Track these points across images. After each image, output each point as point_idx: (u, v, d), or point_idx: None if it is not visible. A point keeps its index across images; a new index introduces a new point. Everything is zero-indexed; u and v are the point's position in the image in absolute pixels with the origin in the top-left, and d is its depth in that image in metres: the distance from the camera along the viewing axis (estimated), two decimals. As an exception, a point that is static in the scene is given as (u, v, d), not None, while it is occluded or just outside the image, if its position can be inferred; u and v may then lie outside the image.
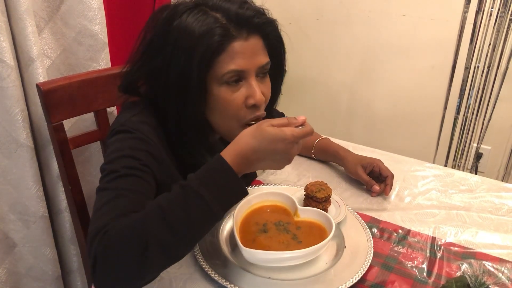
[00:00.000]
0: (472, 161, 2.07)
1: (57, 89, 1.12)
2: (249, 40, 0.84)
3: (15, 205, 1.29)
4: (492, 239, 0.99)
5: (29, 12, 1.14)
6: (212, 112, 0.87)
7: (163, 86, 0.86)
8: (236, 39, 0.82)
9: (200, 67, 0.81)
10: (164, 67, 0.84)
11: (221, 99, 0.85)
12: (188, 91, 0.83)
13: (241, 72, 0.84)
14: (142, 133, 0.84)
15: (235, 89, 0.85)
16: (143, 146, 0.83)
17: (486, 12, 1.80)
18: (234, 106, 0.86)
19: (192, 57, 0.80)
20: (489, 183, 1.21)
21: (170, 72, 0.83)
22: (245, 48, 0.83)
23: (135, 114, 0.89)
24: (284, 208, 0.97)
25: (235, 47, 0.82)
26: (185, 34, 0.81)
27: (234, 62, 0.82)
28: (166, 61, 0.83)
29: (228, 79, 0.83)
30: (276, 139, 0.70)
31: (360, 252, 0.90)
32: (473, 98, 1.94)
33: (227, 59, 0.82)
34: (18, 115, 1.18)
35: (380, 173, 1.13)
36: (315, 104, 2.45)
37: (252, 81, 0.86)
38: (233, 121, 0.88)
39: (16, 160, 1.23)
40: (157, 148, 0.85)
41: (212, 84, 0.84)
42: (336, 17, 2.19)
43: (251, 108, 0.87)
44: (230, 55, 0.82)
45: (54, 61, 1.33)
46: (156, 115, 0.90)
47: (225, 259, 0.89)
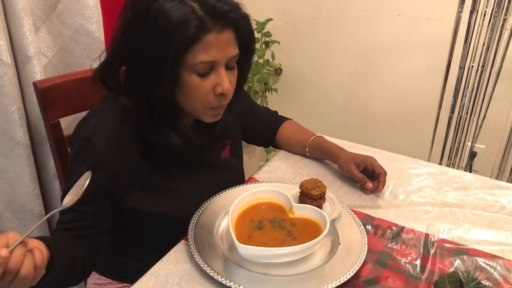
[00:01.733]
0: (466, 160, 2.08)
1: (54, 88, 1.13)
2: (223, 33, 0.86)
3: (11, 203, 1.29)
4: (484, 236, 1.00)
5: (26, 11, 1.15)
6: (181, 95, 0.91)
7: (137, 67, 0.89)
8: (210, 31, 0.84)
9: (174, 55, 0.84)
10: (138, 48, 0.86)
11: (191, 85, 0.88)
12: (160, 75, 0.86)
13: (212, 63, 0.87)
14: (94, 142, 0.89)
15: (205, 77, 0.88)
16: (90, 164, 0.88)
17: (480, 12, 1.81)
18: (203, 93, 0.89)
19: (167, 43, 0.83)
20: (482, 180, 1.22)
21: (145, 53, 0.86)
22: (218, 41, 0.86)
23: (96, 112, 0.94)
24: (279, 205, 0.98)
25: (209, 39, 0.85)
26: (163, 19, 0.83)
27: (207, 53, 0.85)
28: (142, 42, 0.86)
29: (200, 69, 0.87)
30: None
31: (354, 249, 0.91)
32: (468, 97, 1.96)
33: (200, 49, 0.85)
34: (15, 113, 1.19)
35: (373, 171, 1.14)
36: (311, 103, 2.46)
37: (221, 71, 0.89)
38: (200, 105, 0.92)
39: (13, 158, 1.23)
40: (107, 155, 0.89)
41: (184, 70, 0.87)
42: (332, 17, 2.20)
43: (218, 95, 0.91)
44: (203, 46, 0.85)
45: (51, 60, 1.34)
46: (123, 106, 0.94)
47: (221, 255, 0.90)
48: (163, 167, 0.99)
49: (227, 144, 1.14)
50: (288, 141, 1.32)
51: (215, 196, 1.07)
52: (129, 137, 0.93)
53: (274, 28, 2.28)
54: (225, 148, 1.14)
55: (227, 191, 1.10)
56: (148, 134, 0.93)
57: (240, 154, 1.21)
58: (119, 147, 0.91)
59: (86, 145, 0.90)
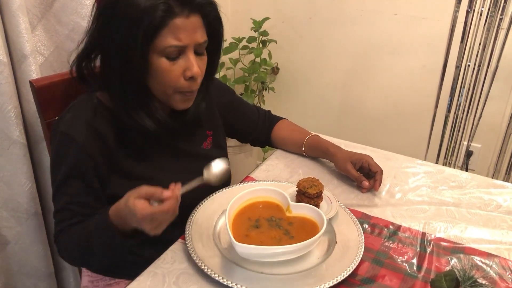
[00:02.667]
0: (463, 159, 2.09)
1: (50, 86, 1.12)
2: (190, 17, 0.89)
3: (7, 202, 1.29)
4: (480, 234, 1.01)
5: (22, 9, 1.14)
6: (152, 79, 0.94)
7: (109, 54, 0.92)
8: (177, 15, 0.87)
9: (142, 40, 0.87)
10: (110, 36, 0.90)
11: (160, 69, 0.91)
12: (131, 60, 0.89)
13: (181, 47, 0.90)
14: (72, 134, 0.94)
15: (174, 62, 0.91)
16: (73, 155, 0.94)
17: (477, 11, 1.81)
18: (173, 77, 0.92)
19: (136, 29, 0.86)
20: (479, 179, 1.22)
21: (115, 41, 0.89)
22: (186, 25, 0.89)
23: (71, 107, 0.99)
24: (276, 204, 0.98)
25: (176, 23, 0.88)
26: (131, 6, 0.86)
27: (175, 37, 0.88)
28: (111, 30, 0.89)
29: (168, 53, 0.89)
30: (131, 212, 0.79)
31: (351, 247, 0.91)
32: (464, 96, 1.96)
33: (168, 33, 0.88)
34: (11, 112, 1.18)
35: (370, 169, 1.15)
36: (308, 102, 2.46)
37: (190, 55, 0.92)
38: (170, 89, 0.94)
39: (9, 157, 1.23)
40: (87, 144, 0.94)
41: (153, 55, 0.90)
42: (328, 16, 2.20)
43: (188, 79, 0.94)
44: (171, 30, 0.88)
45: (47, 58, 1.33)
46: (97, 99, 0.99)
47: (218, 254, 0.90)
48: (142, 155, 1.02)
49: (208, 135, 1.16)
50: (284, 140, 1.32)
51: (212, 195, 1.07)
52: (105, 126, 0.97)
53: (271, 27, 2.27)
54: (206, 139, 1.16)
55: (224, 190, 1.10)
56: (122, 120, 0.96)
57: (223, 146, 1.23)
58: (95, 136, 0.95)
59: (65, 139, 0.94)
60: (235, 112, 1.28)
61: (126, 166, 1.00)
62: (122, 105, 0.95)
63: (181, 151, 1.10)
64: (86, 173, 0.95)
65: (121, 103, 0.95)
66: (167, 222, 0.81)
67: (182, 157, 1.10)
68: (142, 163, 1.02)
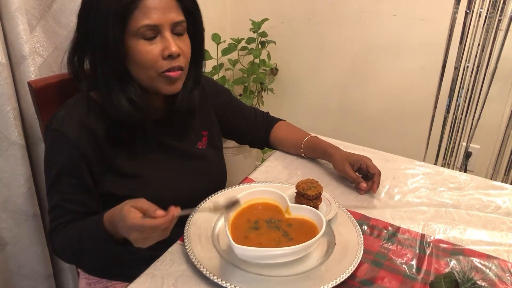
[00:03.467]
0: (462, 159, 2.09)
1: (48, 87, 1.12)
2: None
3: (6, 204, 1.28)
4: (480, 236, 1.00)
5: (20, 10, 1.14)
6: (132, 64, 0.95)
7: (91, 48, 0.95)
8: None
9: (114, 24, 0.89)
10: (89, 30, 0.92)
11: (138, 52, 0.92)
12: (108, 47, 0.91)
13: (155, 27, 0.91)
14: (64, 132, 0.95)
15: (151, 43, 0.92)
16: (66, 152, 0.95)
17: (476, 12, 1.81)
18: (151, 57, 0.93)
19: (108, 16, 0.88)
20: (478, 181, 1.22)
21: (94, 33, 0.91)
22: (157, 5, 0.90)
23: (64, 105, 1.00)
24: (275, 206, 0.98)
25: (147, 4, 0.90)
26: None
27: (147, 17, 0.90)
28: (90, 25, 0.92)
29: (143, 33, 0.91)
30: (123, 218, 0.79)
31: (350, 249, 0.91)
32: (463, 97, 1.96)
33: (140, 15, 0.89)
34: (10, 113, 1.18)
35: (368, 171, 1.14)
36: (307, 102, 2.46)
37: (167, 34, 0.93)
38: (151, 71, 0.95)
39: (8, 158, 1.23)
40: (79, 141, 0.95)
41: (130, 39, 0.91)
42: (327, 17, 2.20)
43: (167, 59, 0.94)
44: (142, 11, 0.89)
45: (46, 59, 1.33)
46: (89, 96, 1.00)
47: (217, 256, 0.90)
48: (135, 153, 1.02)
49: (203, 135, 1.16)
50: (282, 141, 1.32)
51: (211, 196, 1.07)
52: (97, 124, 0.98)
53: (270, 28, 2.27)
54: (201, 139, 1.16)
55: (222, 191, 1.10)
56: (108, 111, 0.97)
57: (219, 146, 1.23)
58: (88, 133, 0.96)
59: (57, 136, 0.95)
60: (232, 112, 1.28)
61: (119, 163, 1.00)
62: (106, 94, 0.96)
63: (175, 150, 1.10)
64: (79, 170, 0.96)
65: (105, 92, 0.96)
66: (155, 240, 0.81)
67: (177, 156, 1.10)
68: (135, 161, 1.02)
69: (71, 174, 0.96)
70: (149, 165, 1.04)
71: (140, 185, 1.01)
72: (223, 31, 2.26)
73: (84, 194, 0.97)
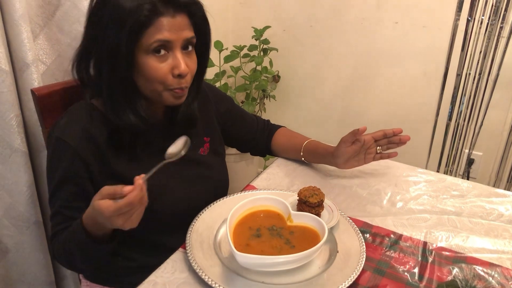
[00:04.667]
0: (464, 167, 2.09)
1: (51, 95, 1.13)
2: (176, 17, 0.91)
3: (9, 211, 1.29)
4: (482, 244, 1.00)
5: (24, 18, 1.15)
6: (141, 78, 0.95)
7: (98, 57, 0.95)
8: (163, 15, 0.90)
9: (129, 39, 0.89)
10: (98, 39, 0.92)
11: (148, 67, 0.93)
12: (118, 59, 0.91)
13: (167, 42, 0.92)
14: (66, 139, 0.95)
15: (162, 59, 0.93)
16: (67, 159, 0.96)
17: (477, 20, 1.82)
18: (161, 74, 0.94)
19: (122, 29, 0.88)
20: (480, 188, 1.22)
21: (104, 43, 0.91)
22: (171, 23, 0.91)
23: (66, 113, 1.01)
24: (277, 213, 0.97)
25: (162, 21, 0.90)
26: (117, 9, 0.89)
27: (161, 33, 0.90)
28: (100, 34, 0.92)
29: (155, 48, 0.91)
30: (99, 213, 0.80)
31: (352, 257, 0.91)
32: (465, 104, 1.97)
33: (154, 31, 0.90)
34: (13, 120, 1.19)
35: (375, 139, 1.18)
36: (309, 109, 2.47)
37: (178, 53, 0.94)
38: (159, 86, 0.96)
39: (11, 165, 1.23)
40: (80, 149, 0.96)
41: (141, 54, 0.92)
42: (329, 25, 2.21)
43: (176, 77, 0.95)
44: (157, 28, 0.90)
45: (49, 67, 1.34)
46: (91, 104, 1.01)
47: (219, 263, 0.89)
48: (136, 160, 1.03)
49: (205, 141, 1.16)
50: (282, 147, 1.33)
51: (212, 204, 1.07)
52: (99, 131, 0.98)
53: (272, 36, 2.29)
54: (203, 145, 1.16)
55: (224, 198, 1.10)
56: (112, 120, 0.97)
57: (221, 153, 1.23)
58: (90, 141, 0.97)
59: (59, 144, 0.96)
60: (234, 120, 1.28)
61: (120, 170, 1.00)
62: (110, 104, 0.97)
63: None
64: (80, 177, 0.96)
65: (109, 102, 0.97)
66: (139, 213, 0.81)
67: (182, 163, 1.09)
68: (136, 167, 1.01)
69: (72, 181, 0.96)
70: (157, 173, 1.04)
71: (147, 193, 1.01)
72: (225, 38, 2.27)
73: (85, 201, 0.97)
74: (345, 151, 1.17)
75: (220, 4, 2.34)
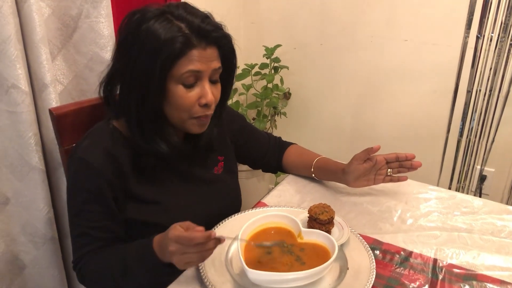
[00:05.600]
0: (476, 183, 2.07)
1: (68, 114, 1.16)
2: (207, 49, 0.95)
3: (25, 227, 1.31)
4: (493, 261, 1.00)
5: (44, 41, 1.19)
6: (168, 106, 0.98)
7: (129, 82, 0.97)
8: (195, 47, 0.93)
9: (162, 68, 0.92)
10: (130, 64, 0.95)
11: (177, 96, 0.96)
12: (149, 87, 0.94)
13: (197, 73, 0.95)
14: (90, 160, 0.97)
15: (190, 89, 0.96)
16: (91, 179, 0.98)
17: (487, 37, 1.83)
18: (188, 103, 0.97)
19: (156, 59, 0.91)
20: (491, 205, 1.22)
21: (135, 69, 0.94)
22: (202, 55, 0.94)
23: (88, 134, 1.03)
24: (288, 230, 0.99)
25: (194, 53, 0.93)
26: (152, 38, 0.91)
27: (193, 64, 0.94)
28: (132, 59, 0.94)
29: (185, 79, 0.94)
30: (167, 232, 0.84)
31: (362, 273, 0.92)
32: (476, 121, 1.96)
33: (186, 62, 0.93)
34: (31, 139, 1.22)
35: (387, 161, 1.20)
36: (319, 126, 2.48)
37: (205, 83, 0.97)
38: (185, 114, 0.99)
39: (28, 182, 1.26)
40: (104, 169, 0.98)
41: (171, 82, 0.95)
42: (339, 42, 2.24)
43: (202, 106, 0.98)
44: (189, 59, 0.93)
45: (66, 87, 1.38)
46: (113, 126, 1.04)
47: (230, 279, 0.91)
48: (156, 180, 1.05)
49: (219, 160, 1.19)
50: (293, 164, 1.34)
51: (224, 221, 1.09)
52: (120, 152, 1.01)
53: (283, 54, 2.32)
54: (217, 164, 1.18)
55: (236, 215, 1.11)
56: (138, 145, 1.00)
57: (234, 171, 1.25)
58: (112, 161, 0.99)
59: (83, 165, 0.98)
60: (246, 138, 1.30)
61: (140, 191, 1.03)
62: (138, 130, 0.99)
63: (193, 176, 1.13)
64: (105, 197, 0.98)
65: (137, 128, 0.99)
66: (192, 258, 0.83)
67: (194, 181, 1.13)
68: (155, 188, 1.05)
69: (97, 201, 0.98)
70: (168, 191, 1.07)
71: (160, 211, 1.04)
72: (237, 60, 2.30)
73: (110, 220, 1.00)
74: (357, 168, 1.18)
75: (232, 24, 2.38)
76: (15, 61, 1.13)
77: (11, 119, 1.19)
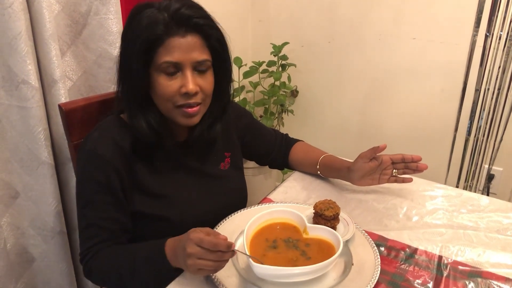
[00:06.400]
0: (484, 182, 2.07)
1: (77, 109, 1.18)
2: (186, 37, 0.95)
3: (35, 221, 1.33)
4: (498, 259, 1.00)
5: (53, 37, 1.21)
6: (154, 95, 1.00)
7: (120, 72, 1.02)
8: (174, 35, 0.94)
9: (138, 56, 0.94)
10: (121, 54, 1.00)
11: (158, 84, 0.97)
12: (131, 75, 0.98)
13: (176, 64, 0.95)
14: (99, 151, 0.99)
15: (171, 78, 0.97)
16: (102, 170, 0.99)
17: (495, 35, 1.82)
18: (169, 92, 0.97)
19: (134, 48, 0.94)
20: (497, 203, 1.22)
21: (123, 55, 1.00)
22: (181, 44, 0.94)
23: (97, 127, 1.05)
24: (293, 226, 1.00)
25: (172, 42, 0.94)
26: (136, 26, 0.95)
27: (170, 54, 0.94)
28: (122, 49, 1.00)
29: (164, 69, 0.95)
30: (187, 233, 0.84)
31: (367, 269, 0.92)
32: (484, 119, 1.96)
33: (164, 51, 0.94)
34: (41, 134, 1.24)
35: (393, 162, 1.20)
36: (326, 124, 2.48)
37: (187, 72, 0.97)
38: (169, 103, 0.99)
39: (37, 177, 1.28)
40: (114, 160, 1.00)
41: (153, 71, 0.97)
42: (347, 41, 2.24)
43: (184, 95, 0.98)
44: (166, 48, 0.94)
45: (75, 83, 1.39)
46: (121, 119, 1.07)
47: (236, 274, 0.92)
48: (161, 174, 1.06)
49: (226, 156, 1.20)
50: (300, 161, 1.35)
51: (230, 216, 1.10)
52: (128, 144, 1.02)
53: (290, 51, 2.32)
54: (224, 160, 1.19)
55: (242, 211, 1.12)
56: (133, 133, 1.02)
57: (241, 167, 1.26)
58: (120, 153, 1.01)
59: (92, 156, 1.00)
60: (253, 134, 1.31)
61: (148, 184, 1.04)
62: (128, 113, 1.03)
63: (200, 171, 1.13)
64: (114, 188, 0.99)
65: (128, 112, 1.03)
66: (207, 266, 0.82)
67: (201, 177, 1.13)
68: (158, 180, 1.06)
69: (106, 192, 0.99)
70: (174, 185, 1.08)
71: (167, 204, 1.05)
72: (244, 54, 2.31)
73: (119, 212, 1.01)
74: (362, 166, 1.19)
75: (240, 22, 2.39)
76: (25, 57, 1.15)
77: (21, 114, 1.21)
